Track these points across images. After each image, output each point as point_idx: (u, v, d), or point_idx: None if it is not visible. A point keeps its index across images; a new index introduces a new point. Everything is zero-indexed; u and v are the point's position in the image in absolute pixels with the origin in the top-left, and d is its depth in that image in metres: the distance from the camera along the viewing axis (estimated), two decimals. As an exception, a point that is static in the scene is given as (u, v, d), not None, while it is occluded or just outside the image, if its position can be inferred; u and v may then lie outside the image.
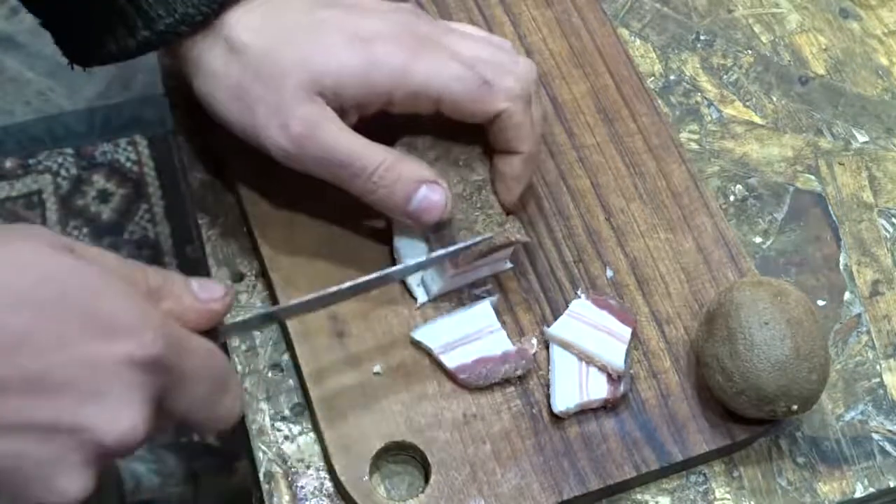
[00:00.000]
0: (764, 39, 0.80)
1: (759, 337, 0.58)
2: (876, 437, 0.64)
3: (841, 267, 0.70)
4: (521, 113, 0.60)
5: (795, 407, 0.58)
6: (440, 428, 0.60)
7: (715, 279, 0.67)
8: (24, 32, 1.61)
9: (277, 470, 0.60)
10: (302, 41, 0.58)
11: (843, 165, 0.74)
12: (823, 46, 0.80)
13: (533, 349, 0.62)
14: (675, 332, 0.65)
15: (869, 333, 0.68)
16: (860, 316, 0.68)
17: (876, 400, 0.65)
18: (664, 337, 0.65)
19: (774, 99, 0.77)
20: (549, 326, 0.63)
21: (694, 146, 0.74)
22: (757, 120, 0.76)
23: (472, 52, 0.60)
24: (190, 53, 0.60)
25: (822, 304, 0.68)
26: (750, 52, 0.79)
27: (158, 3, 0.58)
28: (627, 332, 0.63)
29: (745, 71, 0.78)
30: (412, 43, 0.59)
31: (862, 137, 0.76)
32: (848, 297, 0.69)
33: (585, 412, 0.61)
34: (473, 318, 0.63)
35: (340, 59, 0.58)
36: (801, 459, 0.63)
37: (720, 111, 0.76)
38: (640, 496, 0.61)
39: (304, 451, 0.61)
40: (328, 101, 0.58)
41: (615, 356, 0.62)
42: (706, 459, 0.62)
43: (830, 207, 0.72)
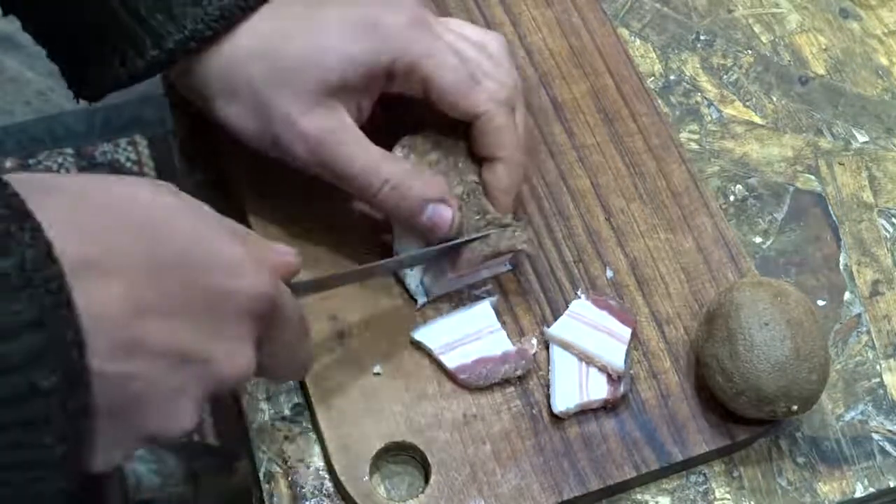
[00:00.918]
0: (764, 39, 0.80)
1: (759, 337, 0.58)
2: (876, 437, 0.64)
3: (841, 267, 0.70)
4: (502, 116, 0.61)
5: (795, 407, 0.58)
6: (440, 428, 0.60)
7: (715, 279, 0.67)
8: (24, 32, 1.61)
9: (277, 470, 0.60)
10: (305, 45, 0.59)
11: (843, 165, 0.74)
12: (823, 46, 0.80)
13: (533, 349, 0.62)
14: (675, 332, 0.65)
15: (869, 333, 0.68)
16: (860, 316, 0.68)
17: (876, 400, 0.65)
18: (664, 337, 0.65)
19: (774, 99, 0.77)
20: (549, 327, 0.63)
21: (694, 146, 0.74)
22: (757, 120, 0.76)
23: (467, 52, 0.62)
24: (198, 71, 0.60)
25: (822, 304, 0.68)
26: (750, 52, 0.79)
27: (167, 20, 0.58)
28: (627, 332, 0.63)
29: (745, 71, 0.78)
30: (411, 18, 0.60)
31: (862, 137, 0.76)
32: (848, 297, 0.69)
33: (585, 412, 0.61)
34: (473, 318, 0.63)
35: (344, 51, 0.58)
36: (801, 459, 0.63)
37: (720, 111, 0.76)
38: (640, 496, 0.61)
39: (304, 451, 0.61)
40: (339, 99, 0.59)
41: (615, 356, 0.62)
42: (706, 459, 0.62)
43: (830, 207, 0.72)
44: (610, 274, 0.67)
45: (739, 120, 0.76)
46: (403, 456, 0.60)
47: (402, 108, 0.64)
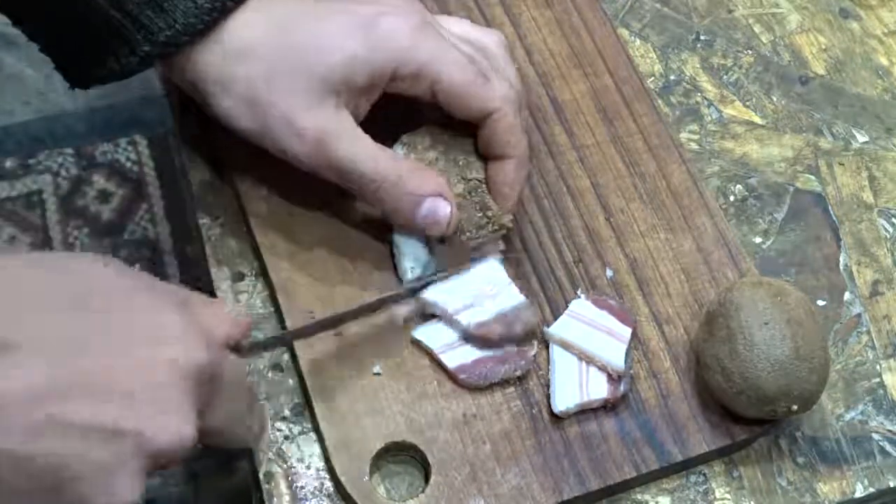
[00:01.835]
0: (764, 39, 0.80)
1: (759, 337, 0.58)
2: (876, 437, 0.64)
3: (841, 267, 0.70)
4: (512, 115, 0.61)
5: (795, 407, 0.58)
6: (440, 428, 0.60)
7: (715, 279, 0.67)
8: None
9: (277, 470, 0.60)
10: (306, 40, 0.59)
11: (843, 165, 0.74)
12: (823, 46, 0.80)
13: (533, 350, 0.62)
14: (675, 332, 0.65)
15: (869, 333, 0.68)
16: (860, 316, 0.68)
17: (876, 400, 0.65)
18: (664, 337, 0.65)
19: (774, 99, 0.77)
20: (548, 326, 0.63)
21: (694, 146, 0.74)
22: (757, 120, 0.76)
23: (471, 52, 0.62)
24: (194, 65, 0.60)
25: (822, 304, 0.68)
26: (750, 52, 0.79)
27: (158, 16, 0.57)
28: (627, 331, 0.63)
29: (745, 71, 0.78)
30: (416, 22, 0.60)
31: (862, 137, 0.76)
32: (848, 297, 0.69)
33: (585, 412, 0.61)
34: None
35: (346, 51, 0.58)
36: (801, 459, 0.63)
37: (720, 111, 0.76)
38: (640, 496, 0.61)
39: (304, 451, 0.61)
40: (340, 96, 0.59)
41: (615, 356, 0.62)
42: (706, 459, 0.62)
43: (830, 207, 0.72)
44: (610, 274, 0.67)
45: (739, 120, 0.76)
46: (403, 456, 0.60)
47: (400, 106, 0.63)
